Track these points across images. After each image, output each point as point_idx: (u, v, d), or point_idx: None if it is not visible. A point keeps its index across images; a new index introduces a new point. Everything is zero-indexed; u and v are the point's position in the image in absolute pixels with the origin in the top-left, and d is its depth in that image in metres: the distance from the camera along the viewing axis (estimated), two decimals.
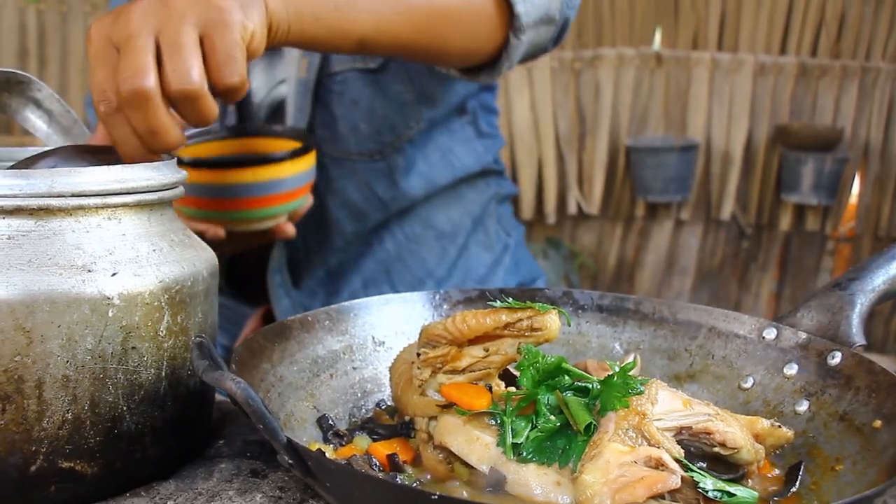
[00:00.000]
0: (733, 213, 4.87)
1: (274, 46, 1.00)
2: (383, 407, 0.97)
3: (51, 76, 4.21)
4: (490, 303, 0.87)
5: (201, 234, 1.21)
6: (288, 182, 1.30)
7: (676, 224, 4.94)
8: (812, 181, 4.52)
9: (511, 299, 0.86)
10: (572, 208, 4.82)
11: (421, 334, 0.90)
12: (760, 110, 4.70)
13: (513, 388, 0.85)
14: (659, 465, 0.72)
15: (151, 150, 0.87)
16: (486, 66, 1.31)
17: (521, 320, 0.86)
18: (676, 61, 4.72)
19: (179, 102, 0.86)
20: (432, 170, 1.61)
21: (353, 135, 1.53)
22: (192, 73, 0.85)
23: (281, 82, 1.55)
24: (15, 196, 0.74)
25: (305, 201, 1.39)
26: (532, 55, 1.34)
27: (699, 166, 4.78)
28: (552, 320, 0.87)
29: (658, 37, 4.81)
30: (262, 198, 1.28)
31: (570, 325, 1.02)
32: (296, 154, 1.30)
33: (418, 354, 0.88)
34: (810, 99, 4.67)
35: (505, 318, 0.85)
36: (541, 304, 0.85)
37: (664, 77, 4.74)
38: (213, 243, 1.04)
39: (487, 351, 0.88)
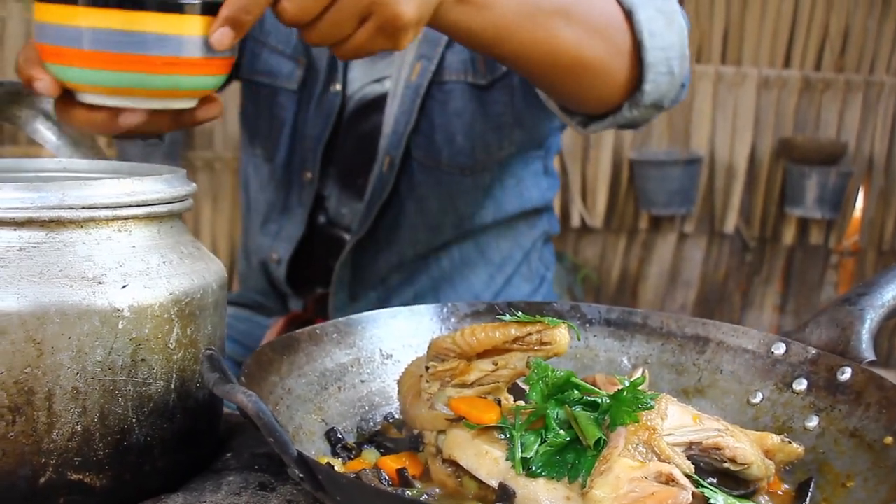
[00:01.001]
0: (737, 226, 4.87)
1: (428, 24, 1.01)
2: (391, 420, 0.97)
3: None
4: (499, 316, 0.87)
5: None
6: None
7: (680, 237, 4.93)
8: (816, 195, 4.52)
9: (520, 313, 0.86)
10: (576, 221, 4.82)
11: (429, 348, 0.90)
12: (764, 124, 4.70)
13: (522, 403, 0.85)
14: (669, 480, 0.72)
15: None
16: (584, 118, 1.33)
17: (530, 334, 0.85)
18: None
19: None
20: (505, 196, 1.63)
21: (447, 146, 1.54)
22: None
23: (379, 80, 1.56)
24: (27, 208, 0.74)
25: (217, 83, 0.99)
26: (620, 127, 1.34)
27: (703, 179, 4.78)
28: (561, 334, 0.87)
29: None
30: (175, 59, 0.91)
31: (579, 340, 1.02)
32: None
33: (427, 368, 0.88)
34: (814, 112, 4.67)
35: (514, 331, 0.85)
36: (550, 319, 0.85)
37: None
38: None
39: (496, 365, 0.88)
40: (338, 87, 1.56)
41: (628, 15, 1.19)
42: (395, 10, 0.92)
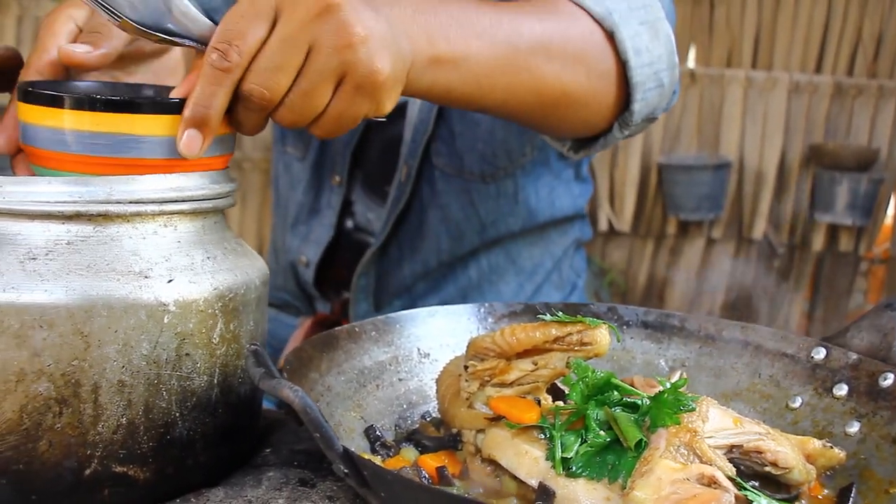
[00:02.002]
0: (765, 232, 4.83)
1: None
2: (429, 419, 0.97)
3: None
4: (539, 316, 0.87)
5: None
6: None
7: (708, 242, 4.91)
8: (846, 201, 4.48)
9: (560, 313, 0.86)
10: (603, 225, 4.81)
11: (469, 347, 0.90)
12: (794, 129, 4.67)
13: (561, 403, 0.85)
14: (712, 482, 0.72)
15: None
16: (575, 143, 1.31)
17: (570, 334, 0.85)
18: (710, 79, 4.70)
19: None
20: (534, 203, 1.62)
21: (468, 154, 1.53)
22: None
23: None
24: (75, 202, 0.75)
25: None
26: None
27: (732, 184, 4.75)
28: (602, 335, 0.87)
29: (692, 54, 4.80)
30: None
31: (619, 341, 1.01)
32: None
33: (466, 367, 0.89)
34: (846, 118, 4.63)
35: (555, 331, 0.85)
36: (591, 319, 0.85)
37: (697, 95, 4.72)
38: None
39: (536, 365, 0.88)
40: None
41: (610, 35, 1.15)
42: (370, 66, 0.83)
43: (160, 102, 0.80)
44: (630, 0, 1.17)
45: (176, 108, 0.80)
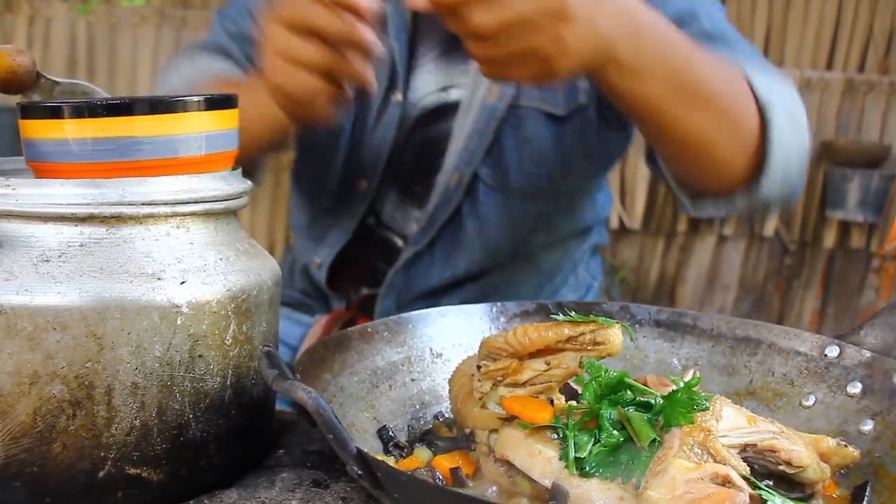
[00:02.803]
0: (777, 229, 4.82)
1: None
2: (442, 419, 0.97)
3: (98, 87, 4.26)
4: (552, 316, 0.87)
5: None
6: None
7: (719, 239, 4.89)
8: (858, 198, 4.46)
9: (572, 313, 0.86)
10: (614, 223, 4.80)
11: (481, 347, 0.90)
12: None
13: (574, 403, 0.85)
14: (726, 482, 0.71)
15: None
16: (694, 195, 1.38)
17: (583, 334, 0.85)
18: None
19: None
20: (562, 220, 1.64)
21: (514, 170, 1.53)
22: None
23: (445, 89, 1.55)
24: (88, 204, 0.75)
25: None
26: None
27: None
28: (615, 334, 0.86)
29: None
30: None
31: (632, 340, 1.01)
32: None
33: (478, 367, 0.88)
34: (857, 115, 4.61)
35: (567, 331, 0.85)
36: (603, 318, 0.85)
37: None
38: None
39: (549, 364, 0.88)
40: (399, 96, 1.54)
41: (762, 117, 1.24)
42: (558, 64, 1.02)
43: (158, 102, 0.80)
44: (784, 95, 1.28)
45: (173, 106, 0.80)
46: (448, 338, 1.03)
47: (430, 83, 1.55)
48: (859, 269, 4.89)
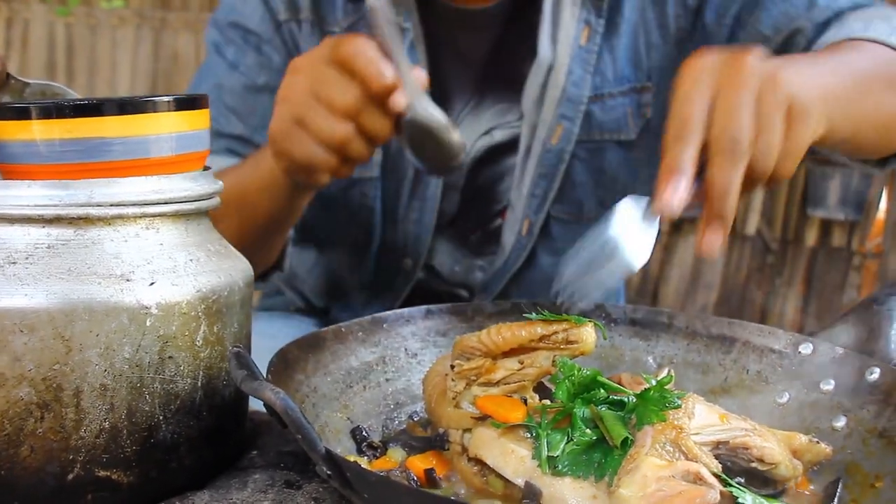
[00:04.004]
0: (758, 228, 4.84)
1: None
2: (416, 419, 0.97)
3: (78, 88, 4.24)
4: (525, 315, 0.87)
5: None
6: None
7: None
8: (839, 196, 4.48)
9: (546, 312, 0.86)
10: None
11: (455, 346, 0.90)
12: None
13: (548, 402, 0.85)
14: (697, 479, 0.71)
15: None
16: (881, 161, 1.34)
17: (556, 333, 0.85)
18: None
19: None
20: None
21: (588, 200, 1.50)
22: None
23: (488, 132, 1.49)
24: (55, 205, 0.75)
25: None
26: None
27: None
28: (588, 333, 0.87)
29: None
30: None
31: (605, 339, 1.01)
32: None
33: (452, 367, 0.88)
34: None
35: (540, 330, 0.85)
36: (576, 317, 0.85)
37: None
38: None
39: (522, 363, 0.88)
40: None
41: None
42: (800, 95, 0.91)
43: (127, 103, 0.80)
44: None
45: (143, 107, 0.79)
46: (423, 338, 1.03)
47: (470, 132, 1.48)
48: (841, 268, 4.91)
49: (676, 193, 0.88)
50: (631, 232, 0.88)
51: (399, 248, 1.52)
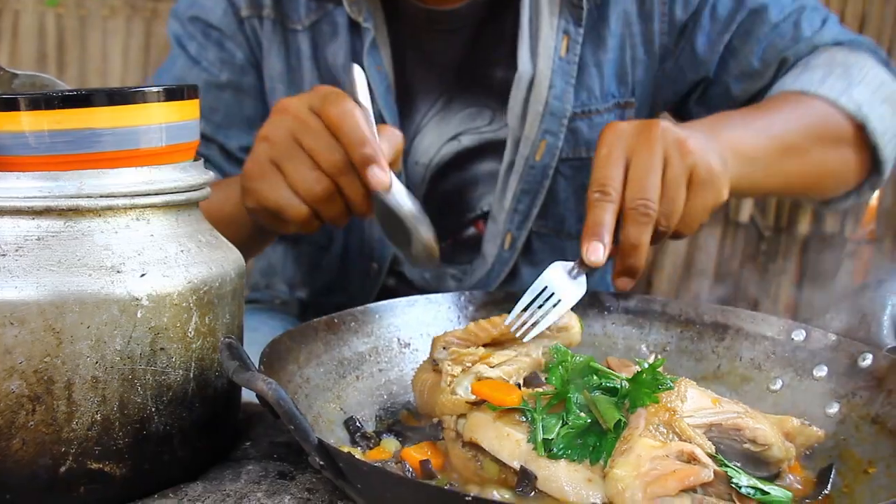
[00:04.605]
0: (752, 215, 4.84)
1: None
2: (410, 409, 0.97)
3: (69, 80, 4.21)
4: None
5: None
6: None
7: None
8: None
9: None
10: None
11: (434, 343, 0.91)
12: None
13: (541, 389, 0.85)
14: (691, 459, 0.72)
15: None
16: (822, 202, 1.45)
17: None
18: None
19: None
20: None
21: (570, 216, 1.49)
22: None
23: (455, 137, 1.47)
24: (44, 197, 0.74)
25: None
26: None
27: None
28: (575, 321, 0.87)
29: None
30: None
31: (581, 329, 1.00)
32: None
33: (434, 361, 0.89)
34: None
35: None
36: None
37: None
38: None
39: (516, 352, 0.88)
40: (399, 166, 1.36)
41: (860, 126, 1.29)
42: (708, 164, 1.03)
43: (116, 93, 0.79)
44: (870, 83, 1.31)
45: (132, 97, 0.79)
46: (415, 327, 1.03)
47: (435, 138, 1.47)
48: (834, 255, 4.91)
49: (598, 252, 0.98)
50: (563, 283, 0.98)
51: (364, 251, 1.51)
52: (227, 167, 1.45)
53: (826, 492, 0.82)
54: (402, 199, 1.05)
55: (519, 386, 0.85)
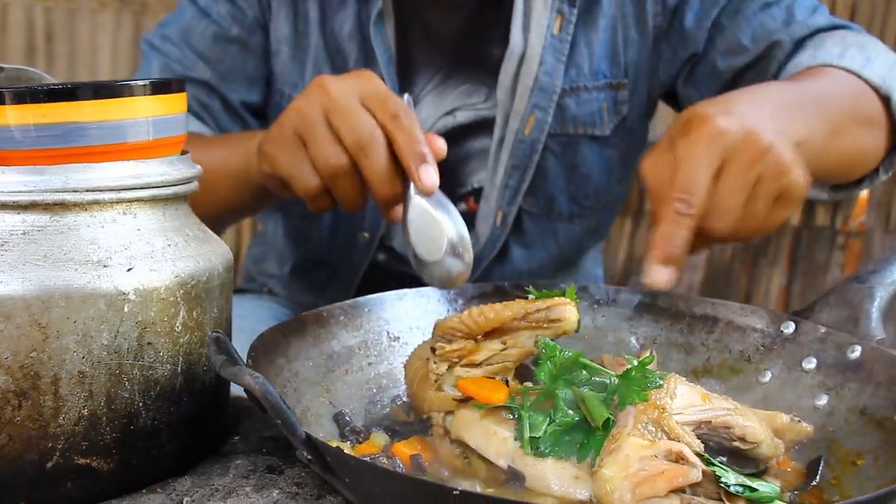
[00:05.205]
0: None
1: None
2: (399, 403, 0.97)
3: (58, 73, 4.20)
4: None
5: None
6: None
7: None
8: None
9: (531, 289, 0.86)
10: None
11: (435, 329, 0.90)
12: None
13: (529, 384, 0.84)
14: (679, 458, 0.71)
15: None
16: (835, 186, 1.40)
17: (538, 311, 0.86)
18: None
19: None
20: (598, 227, 1.62)
21: (559, 195, 1.49)
22: None
23: (451, 112, 1.48)
24: (30, 191, 0.74)
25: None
26: None
27: None
28: (571, 311, 0.87)
29: None
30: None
31: (579, 318, 0.99)
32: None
33: (433, 349, 0.88)
34: None
35: (522, 309, 0.85)
36: (558, 292, 0.85)
37: None
38: None
39: (505, 344, 0.88)
40: None
41: (885, 98, 1.25)
42: (798, 182, 0.95)
43: (102, 87, 0.79)
44: (885, 61, 1.28)
45: (119, 91, 0.79)
46: (405, 321, 1.03)
47: (432, 112, 1.48)
48: (825, 246, 4.92)
49: (665, 275, 0.94)
50: None
51: (356, 219, 1.50)
52: (225, 120, 1.46)
53: (814, 483, 0.82)
54: (443, 201, 1.03)
55: (506, 382, 0.85)
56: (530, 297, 0.89)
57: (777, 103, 1.06)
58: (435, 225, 1.01)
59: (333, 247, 1.55)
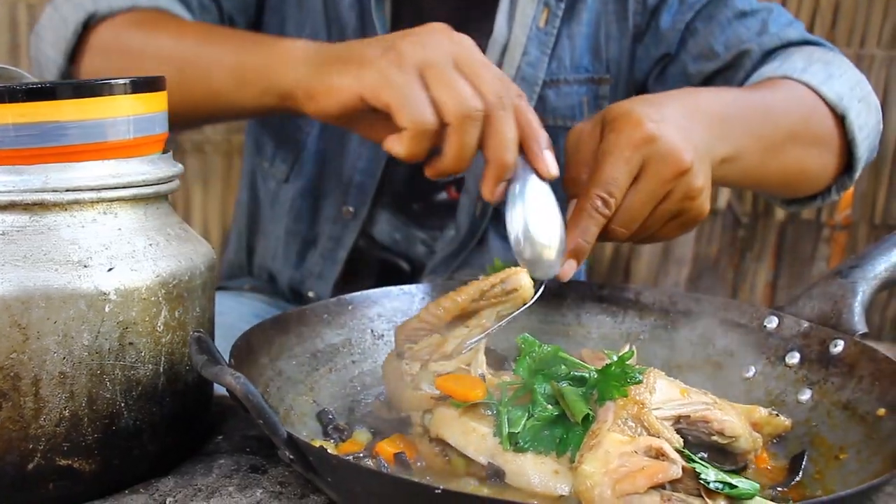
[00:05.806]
0: (729, 202, 4.85)
1: None
2: (383, 399, 0.97)
3: None
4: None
5: None
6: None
7: None
8: None
9: None
10: None
11: (397, 334, 0.91)
12: None
13: (507, 378, 0.84)
14: (659, 454, 0.72)
15: None
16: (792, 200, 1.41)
17: (493, 286, 0.87)
18: None
19: None
20: None
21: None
22: None
23: None
24: (9, 191, 0.74)
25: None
26: None
27: None
28: (524, 278, 0.88)
29: None
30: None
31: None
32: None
33: (400, 354, 0.89)
34: None
35: (477, 288, 0.86)
36: (507, 263, 0.90)
37: None
38: None
39: (469, 327, 0.88)
40: None
41: (840, 118, 1.26)
42: (702, 209, 1.01)
43: (81, 86, 0.78)
44: (848, 80, 1.29)
45: (98, 90, 0.78)
46: (389, 319, 1.03)
47: None
48: (811, 240, 4.93)
49: (571, 268, 0.98)
50: None
51: (340, 188, 1.48)
52: (200, 12, 1.38)
53: (798, 478, 0.82)
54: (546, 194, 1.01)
55: (483, 378, 0.84)
56: (480, 277, 0.90)
57: (714, 114, 1.09)
58: (552, 211, 0.98)
59: (310, 220, 1.54)
